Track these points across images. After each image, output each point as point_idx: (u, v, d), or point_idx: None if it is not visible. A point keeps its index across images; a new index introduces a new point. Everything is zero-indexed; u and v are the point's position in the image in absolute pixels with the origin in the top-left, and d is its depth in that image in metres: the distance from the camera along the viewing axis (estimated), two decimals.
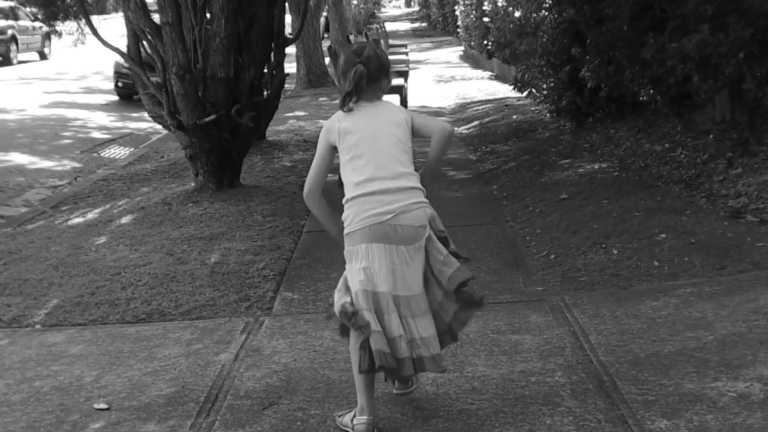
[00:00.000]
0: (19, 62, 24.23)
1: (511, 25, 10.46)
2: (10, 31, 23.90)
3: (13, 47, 24.17)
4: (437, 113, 12.85)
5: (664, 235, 4.95)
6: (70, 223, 6.67)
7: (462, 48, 24.08)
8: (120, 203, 7.25)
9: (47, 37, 25.21)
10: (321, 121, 12.03)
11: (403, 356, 2.86)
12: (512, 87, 9.47)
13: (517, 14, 10.29)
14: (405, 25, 38.21)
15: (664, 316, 3.87)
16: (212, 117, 6.66)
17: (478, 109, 12.46)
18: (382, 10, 48.38)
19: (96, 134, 12.40)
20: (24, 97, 15.67)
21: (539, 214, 6.05)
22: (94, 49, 12.43)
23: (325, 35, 28.43)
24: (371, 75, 2.95)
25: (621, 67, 7.33)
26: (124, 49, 7.17)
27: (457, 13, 23.39)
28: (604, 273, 4.63)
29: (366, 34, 17.36)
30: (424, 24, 38.28)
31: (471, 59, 21.88)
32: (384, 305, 2.88)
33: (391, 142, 2.95)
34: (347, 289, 2.96)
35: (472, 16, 20.17)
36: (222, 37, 6.67)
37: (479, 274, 4.86)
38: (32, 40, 25.59)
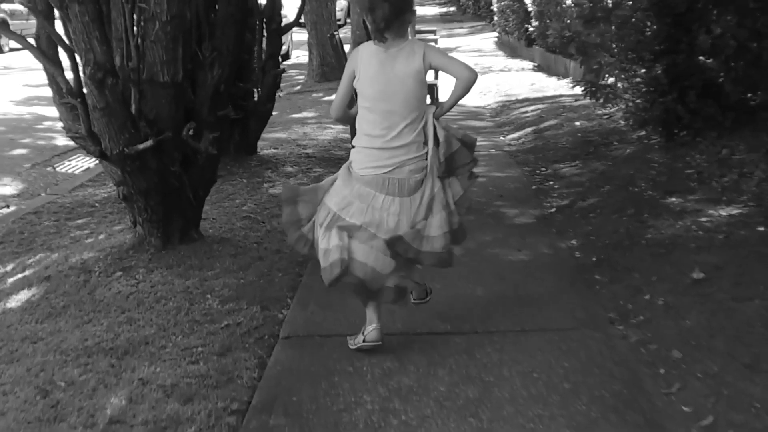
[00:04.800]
0: (11, 50, 22.19)
1: (574, 8, 8.07)
2: (0, 15, 21.79)
3: None
4: (475, 114, 10.48)
5: None
6: None
7: (496, 34, 21.61)
8: (29, 261, 4.99)
9: None
10: (332, 127, 9.70)
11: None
12: (584, 93, 7.06)
13: None
14: (432, 10, 35.61)
15: None
16: (149, 143, 4.37)
17: (527, 111, 10.03)
18: None
19: (61, 140, 10.17)
20: None
21: (665, 310, 3.70)
22: None
23: (348, 20, 26.17)
24: (397, 10, 3.17)
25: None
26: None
27: None
28: None
29: None
30: (452, 8, 35.73)
31: (507, 47, 19.44)
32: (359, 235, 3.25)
33: (404, 97, 3.23)
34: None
35: None
36: (165, 20, 4.36)
37: None
38: (27, 26, 23.47)
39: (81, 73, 4.40)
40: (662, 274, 4.05)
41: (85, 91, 4.40)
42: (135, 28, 4.43)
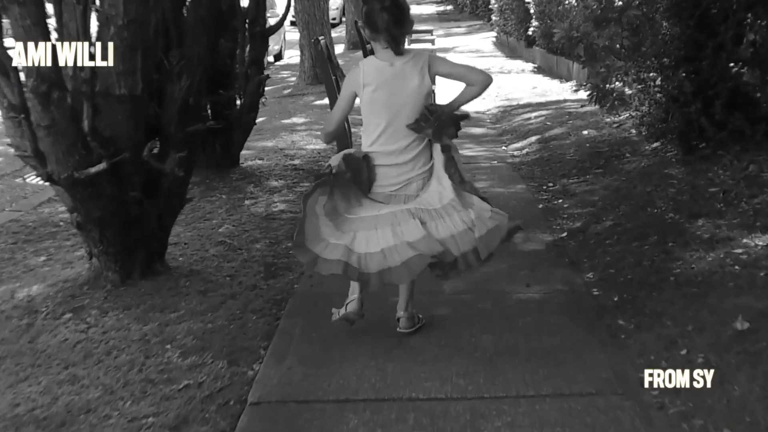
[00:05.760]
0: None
1: (583, 9, 7.46)
2: None
3: None
4: (475, 120, 9.89)
5: None
6: None
7: (494, 34, 21.03)
8: None
9: None
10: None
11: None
12: (589, 98, 6.46)
13: None
14: (429, 9, 34.99)
15: None
16: (102, 166, 3.77)
17: (530, 118, 9.44)
18: None
19: None
20: None
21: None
22: None
23: (343, 19, 25.54)
24: (396, 21, 3.16)
25: None
26: None
27: None
28: None
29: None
30: (449, 7, 35.13)
31: (506, 47, 18.88)
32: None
33: (410, 112, 3.20)
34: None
35: None
36: (122, 24, 3.78)
37: None
38: None
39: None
40: (699, 322, 3.47)
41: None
42: (85, 32, 3.84)
